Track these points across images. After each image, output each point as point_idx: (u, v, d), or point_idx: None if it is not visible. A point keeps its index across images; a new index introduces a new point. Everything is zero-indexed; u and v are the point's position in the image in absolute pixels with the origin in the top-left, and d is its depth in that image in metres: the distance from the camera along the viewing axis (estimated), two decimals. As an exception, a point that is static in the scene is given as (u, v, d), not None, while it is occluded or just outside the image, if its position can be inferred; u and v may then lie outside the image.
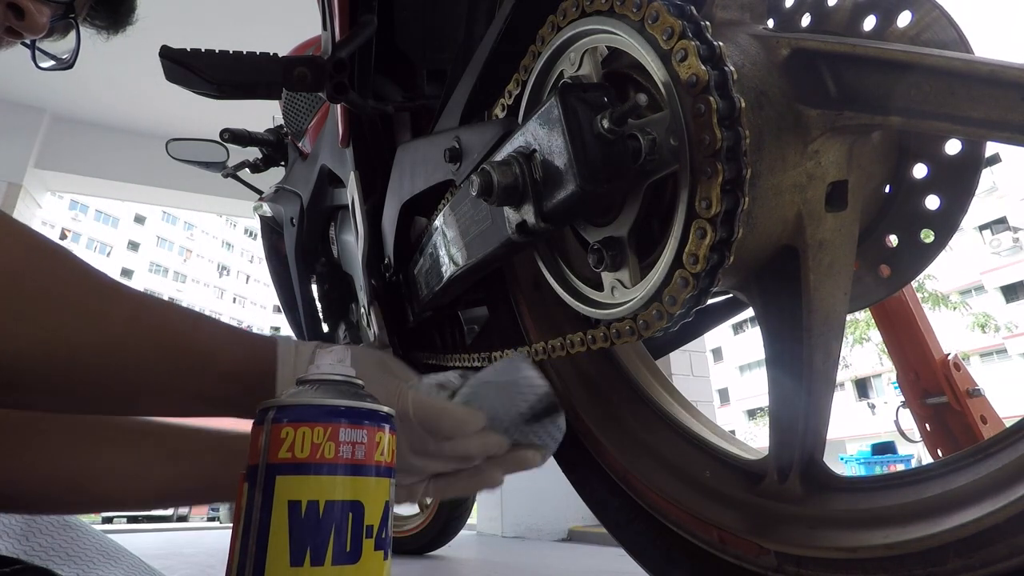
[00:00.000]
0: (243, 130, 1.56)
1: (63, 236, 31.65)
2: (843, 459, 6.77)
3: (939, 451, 1.10)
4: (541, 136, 0.47)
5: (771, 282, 0.56)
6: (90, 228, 35.38)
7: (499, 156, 0.53)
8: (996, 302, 20.85)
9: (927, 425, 1.11)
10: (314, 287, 1.49)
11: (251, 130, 1.60)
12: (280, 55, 0.78)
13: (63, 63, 0.90)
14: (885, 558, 0.44)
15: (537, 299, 0.79)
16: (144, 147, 4.18)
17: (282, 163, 1.66)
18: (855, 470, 5.85)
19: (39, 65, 0.89)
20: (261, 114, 1.98)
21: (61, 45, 0.87)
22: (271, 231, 1.69)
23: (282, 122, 1.54)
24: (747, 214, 0.48)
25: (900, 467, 3.27)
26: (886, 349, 1.16)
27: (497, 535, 3.14)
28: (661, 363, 0.79)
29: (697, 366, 3.53)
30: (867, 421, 22.54)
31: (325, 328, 1.48)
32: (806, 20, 0.58)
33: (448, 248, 0.68)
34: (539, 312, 0.78)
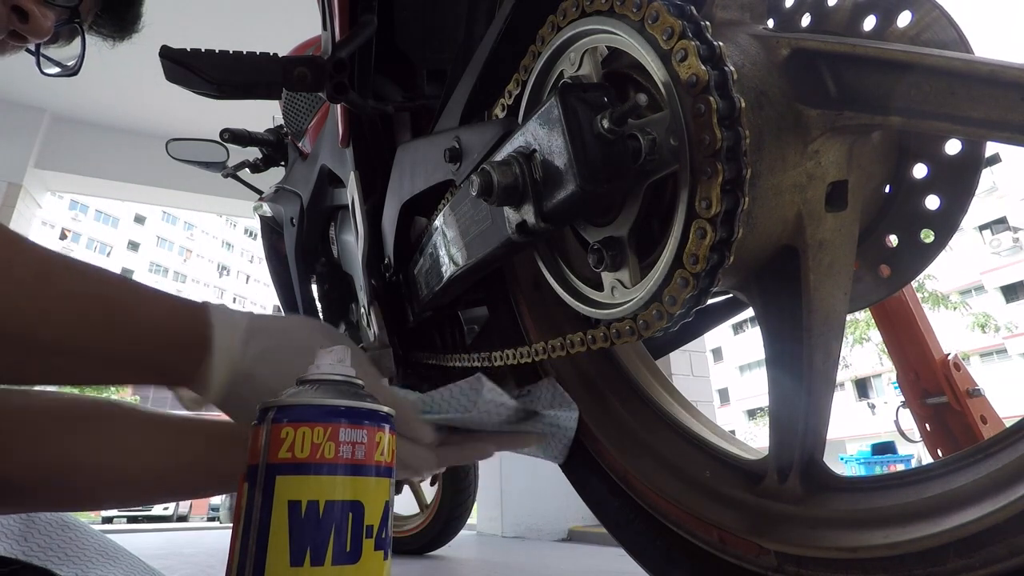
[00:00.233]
0: (243, 130, 1.56)
1: (63, 236, 31.64)
2: (843, 459, 6.76)
3: (939, 451, 1.10)
4: (541, 136, 0.47)
5: (771, 282, 0.56)
6: (90, 228, 35.38)
7: (499, 156, 0.53)
8: (996, 302, 20.84)
9: (927, 425, 1.11)
10: (314, 287, 1.49)
11: (251, 130, 1.60)
12: (280, 55, 0.78)
13: (68, 70, 0.89)
14: (885, 558, 0.44)
15: (537, 299, 0.79)
16: (144, 147, 4.19)
17: (282, 163, 1.66)
18: (855, 470, 5.84)
19: (44, 71, 0.88)
20: (261, 114, 1.98)
21: (66, 51, 0.87)
22: (271, 231, 1.69)
23: (282, 122, 1.54)
24: (747, 214, 0.48)
25: (900, 467, 3.26)
26: (886, 349, 1.16)
27: (497, 535, 3.13)
28: (661, 363, 0.79)
29: (697, 366, 3.53)
30: (867, 421, 22.52)
31: (325, 328, 1.48)
32: (806, 20, 0.58)
33: (448, 248, 0.68)
34: (539, 312, 0.78)
